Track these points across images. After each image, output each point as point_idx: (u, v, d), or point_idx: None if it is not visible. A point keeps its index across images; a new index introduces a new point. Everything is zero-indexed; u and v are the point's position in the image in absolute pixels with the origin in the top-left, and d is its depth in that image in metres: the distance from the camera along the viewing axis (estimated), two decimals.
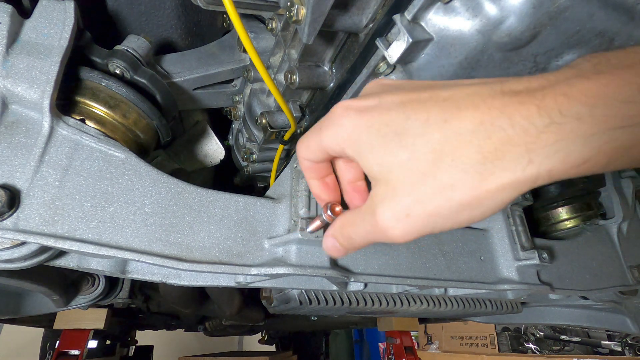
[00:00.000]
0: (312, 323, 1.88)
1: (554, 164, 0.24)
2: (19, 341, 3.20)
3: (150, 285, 1.31)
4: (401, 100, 0.29)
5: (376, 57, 0.46)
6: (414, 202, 0.27)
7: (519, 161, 0.24)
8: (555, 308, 1.10)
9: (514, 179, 0.25)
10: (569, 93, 0.24)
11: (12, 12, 0.43)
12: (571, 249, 0.83)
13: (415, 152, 0.27)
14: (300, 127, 0.68)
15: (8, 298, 0.87)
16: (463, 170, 0.26)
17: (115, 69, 0.54)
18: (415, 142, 0.27)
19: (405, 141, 0.27)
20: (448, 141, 0.26)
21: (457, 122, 0.26)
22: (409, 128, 0.28)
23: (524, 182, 0.25)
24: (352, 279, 0.55)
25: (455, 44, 0.41)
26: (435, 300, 0.87)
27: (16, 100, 0.43)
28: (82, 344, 1.24)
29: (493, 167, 0.25)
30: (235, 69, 0.73)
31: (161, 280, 0.56)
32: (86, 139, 0.46)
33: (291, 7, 0.41)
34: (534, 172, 0.24)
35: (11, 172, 0.41)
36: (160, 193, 0.49)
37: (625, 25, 0.38)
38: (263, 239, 0.53)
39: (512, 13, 0.37)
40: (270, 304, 0.85)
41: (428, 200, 0.27)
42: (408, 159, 0.27)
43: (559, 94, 0.24)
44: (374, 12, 0.45)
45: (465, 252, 0.68)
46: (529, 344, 3.15)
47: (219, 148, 0.84)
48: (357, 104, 0.31)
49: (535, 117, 0.24)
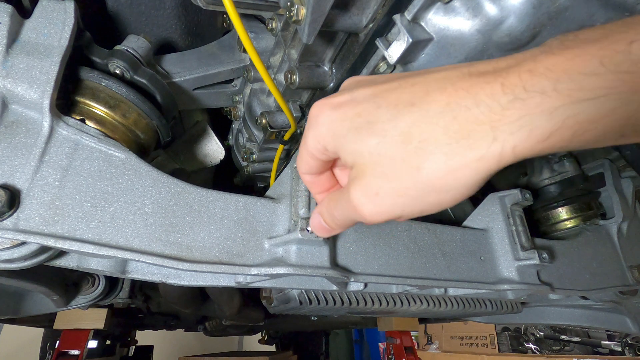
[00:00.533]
0: (312, 323, 1.88)
1: (518, 140, 0.24)
2: (19, 341, 3.20)
3: (150, 285, 1.31)
4: (373, 92, 0.30)
5: (376, 57, 0.46)
6: (383, 182, 0.28)
7: (483, 139, 0.25)
8: (555, 308, 1.10)
9: (478, 156, 0.25)
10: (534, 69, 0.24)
11: (12, 12, 0.43)
12: (571, 249, 0.83)
13: (385, 137, 0.28)
14: (300, 127, 0.68)
15: (8, 298, 0.87)
16: (429, 151, 0.26)
17: (115, 69, 0.54)
18: (385, 127, 0.28)
19: (375, 127, 0.28)
20: (415, 124, 0.27)
21: (425, 105, 0.27)
22: (380, 115, 0.29)
23: (489, 159, 0.25)
24: (352, 279, 0.55)
25: (455, 44, 0.41)
26: (435, 300, 0.87)
27: (16, 100, 0.43)
28: (82, 344, 1.23)
29: (458, 147, 0.25)
30: (235, 69, 0.73)
31: (161, 280, 0.55)
32: (86, 139, 0.46)
33: (291, 7, 0.41)
34: (498, 149, 0.25)
35: (11, 172, 0.41)
36: (160, 193, 0.49)
37: None
38: (263, 239, 0.53)
39: (512, 13, 0.37)
40: (270, 304, 0.85)
41: (396, 181, 0.28)
42: (378, 143, 0.28)
43: (524, 71, 0.24)
44: (374, 12, 0.45)
45: (465, 252, 0.68)
46: (529, 344, 3.15)
47: (219, 148, 0.84)
48: (331, 101, 0.32)
49: (500, 95, 0.24)
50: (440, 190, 0.27)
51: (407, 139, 0.27)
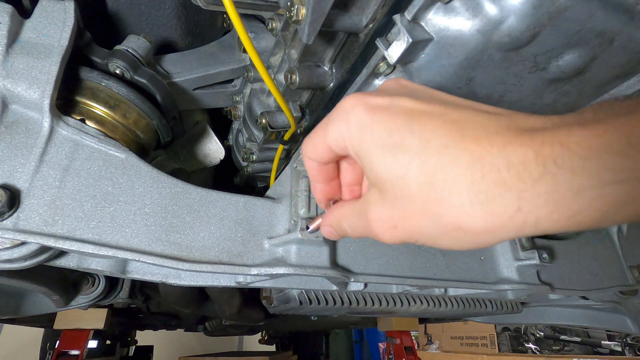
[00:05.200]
0: (312, 323, 1.88)
1: (543, 214, 0.23)
2: (19, 341, 3.20)
3: (150, 285, 1.31)
4: (412, 109, 0.29)
5: (376, 57, 0.46)
6: (402, 219, 0.28)
7: (507, 207, 0.24)
8: (555, 308, 1.10)
9: (499, 225, 0.24)
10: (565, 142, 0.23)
11: (12, 12, 0.43)
12: (571, 249, 0.83)
13: (409, 173, 0.27)
14: (300, 127, 0.68)
15: (8, 298, 0.87)
16: (451, 204, 0.25)
17: (115, 69, 0.54)
18: (411, 162, 0.27)
19: (402, 157, 0.27)
20: (443, 169, 0.26)
21: (457, 152, 0.26)
22: (409, 144, 0.27)
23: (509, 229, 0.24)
24: (352, 279, 0.55)
25: (456, 44, 0.41)
26: (435, 300, 0.87)
27: (16, 100, 0.43)
28: (82, 344, 1.23)
29: (481, 210, 0.25)
30: (235, 69, 0.73)
31: (161, 280, 0.56)
32: (86, 139, 0.46)
33: (291, 7, 0.41)
34: (520, 220, 0.24)
35: (11, 172, 0.41)
36: (160, 193, 0.49)
37: (625, 25, 0.38)
38: (263, 239, 0.53)
39: (512, 13, 0.37)
40: (270, 304, 0.85)
41: (414, 221, 0.28)
42: (402, 177, 0.27)
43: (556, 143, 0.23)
44: (374, 12, 0.45)
45: (465, 252, 0.68)
46: (529, 344, 3.16)
47: (219, 148, 0.84)
48: (368, 100, 0.31)
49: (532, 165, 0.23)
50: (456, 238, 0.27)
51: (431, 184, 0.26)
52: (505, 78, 0.45)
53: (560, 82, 0.46)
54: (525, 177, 0.23)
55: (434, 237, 0.28)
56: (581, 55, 0.41)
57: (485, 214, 0.24)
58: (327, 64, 0.57)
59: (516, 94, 0.47)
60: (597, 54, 0.41)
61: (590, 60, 0.42)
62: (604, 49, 0.40)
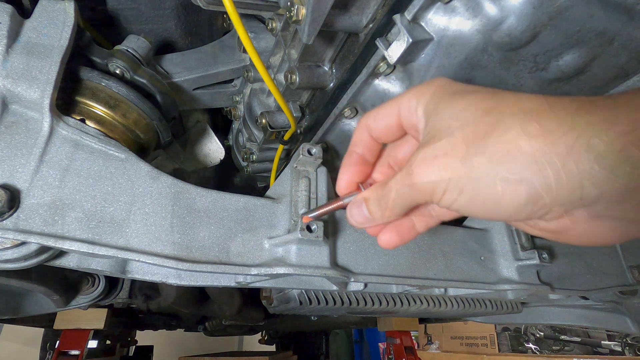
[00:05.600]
0: (312, 323, 1.88)
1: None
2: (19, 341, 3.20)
3: (150, 285, 1.31)
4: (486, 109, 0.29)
5: (376, 57, 0.46)
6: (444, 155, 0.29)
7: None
8: (555, 308, 1.10)
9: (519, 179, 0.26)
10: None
11: (12, 12, 0.43)
12: (571, 249, 0.83)
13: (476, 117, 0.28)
14: (300, 127, 0.68)
15: (8, 298, 0.87)
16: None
17: (115, 69, 0.54)
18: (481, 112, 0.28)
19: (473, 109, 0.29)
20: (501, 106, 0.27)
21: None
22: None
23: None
24: (352, 279, 0.55)
25: (456, 44, 0.41)
26: (435, 300, 0.87)
27: (16, 100, 0.43)
28: (82, 344, 1.23)
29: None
30: (235, 69, 0.73)
31: (161, 280, 0.55)
32: (86, 139, 0.46)
33: (291, 7, 0.41)
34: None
35: (11, 172, 0.41)
36: (160, 193, 0.49)
37: (625, 25, 0.38)
38: (263, 239, 0.53)
39: (512, 13, 0.37)
40: (270, 304, 0.85)
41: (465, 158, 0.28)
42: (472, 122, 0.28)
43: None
44: (374, 12, 0.45)
45: (466, 252, 0.68)
46: (529, 344, 3.15)
47: (219, 148, 0.84)
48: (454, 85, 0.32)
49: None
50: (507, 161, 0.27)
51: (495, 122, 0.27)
52: (505, 78, 0.45)
53: (560, 82, 0.46)
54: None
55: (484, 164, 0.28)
56: (581, 55, 0.41)
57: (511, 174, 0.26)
58: (327, 64, 0.57)
59: None
60: (597, 54, 0.41)
61: (590, 60, 0.42)
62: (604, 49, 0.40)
